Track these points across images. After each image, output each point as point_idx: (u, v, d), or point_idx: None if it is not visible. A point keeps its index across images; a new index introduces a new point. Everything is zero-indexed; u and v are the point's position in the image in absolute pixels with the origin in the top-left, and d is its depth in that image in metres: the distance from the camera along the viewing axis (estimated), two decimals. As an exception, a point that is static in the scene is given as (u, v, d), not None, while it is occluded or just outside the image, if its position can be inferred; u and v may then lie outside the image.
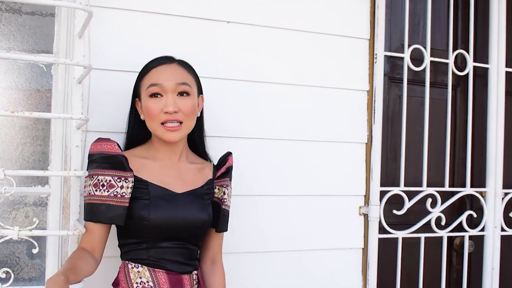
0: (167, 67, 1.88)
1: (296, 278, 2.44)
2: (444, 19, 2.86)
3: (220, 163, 2.02)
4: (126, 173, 1.78)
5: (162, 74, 1.85)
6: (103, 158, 1.78)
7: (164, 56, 1.92)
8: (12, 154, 2.11)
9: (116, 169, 1.77)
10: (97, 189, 1.77)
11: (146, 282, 1.79)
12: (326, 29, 2.49)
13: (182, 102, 1.83)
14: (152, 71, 1.87)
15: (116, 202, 1.75)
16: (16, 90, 2.12)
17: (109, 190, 1.76)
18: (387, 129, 2.72)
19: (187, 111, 1.83)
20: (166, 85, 1.82)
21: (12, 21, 2.11)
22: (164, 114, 1.81)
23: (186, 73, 1.90)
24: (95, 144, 1.81)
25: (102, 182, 1.77)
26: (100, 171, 1.78)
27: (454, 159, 2.91)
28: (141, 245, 1.81)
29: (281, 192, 2.42)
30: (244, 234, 2.35)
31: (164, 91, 1.82)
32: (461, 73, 2.75)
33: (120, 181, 1.77)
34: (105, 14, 2.10)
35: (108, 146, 1.79)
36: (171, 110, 1.80)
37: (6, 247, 2.11)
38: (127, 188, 1.77)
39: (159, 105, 1.82)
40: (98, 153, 1.79)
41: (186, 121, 1.84)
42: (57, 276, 1.50)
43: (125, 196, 1.76)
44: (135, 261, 1.82)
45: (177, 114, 1.82)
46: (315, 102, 2.47)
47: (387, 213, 2.56)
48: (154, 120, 1.83)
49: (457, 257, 2.91)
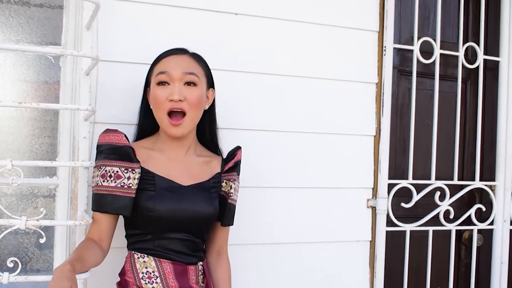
0: (177, 57, 1.89)
1: (303, 270, 2.45)
2: (454, 12, 2.84)
3: (229, 157, 2.03)
4: (133, 164, 1.79)
5: (170, 63, 1.87)
6: (110, 149, 1.79)
7: (177, 48, 1.94)
8: (21, 145, 2.13)
9: (123, 160, 1.78)
10: (105, 179, 1.78)
11: (152, 272, 1.81)
12: (335, 21, 2.48)
13: (189, 91, 1.84)
14: (162, 60, 1.89)
15: (122, 193, 1.76)
16: (24, 82, 2.14)
17: (116, 181, 1.77)
18: (396, 122, 2.71)
19: (192, 101, 1.84)
20: (173, 73, 1.84)
21: (21, 13, 2.12)
22: (169, 102, 1.82)
23: (195, 64, 1.91)
24: (103, 135, 1.83)
25: (109, 173, 1.78)
26: (107, 162, 1.79)
27: (464, 152, 2.90)
28: (147, 236, 1.82)
29: (289, 184, 2.42)
30: (251, 225, 2.35)
31: (172, 80, 1.84)
32: (471, 66, 2.73)
33: (127, 172, 1.78)
34: (113, 6, 2.10)
35: (116, 137, 1.80)
36: (176, 98, 1.81)
37: (15, 238, 2.13)
38: (134, 179, 1.78)
39: (165, 93, 1.83)
40: (105, 144, 1.81)
41: (190, 112, 1.84)
42: (64, 265, 1.51)
43: (132, 187, 1.77)
44: (141, 251, 1.83)
45: (182, 103, 1.82)
46: (323, 94, 2.47)
47: (395, 206, 2.55)
48: (160, 108, 1.84)
49: (465, 251, 2.90)
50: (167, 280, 1.81)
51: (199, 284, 1.89)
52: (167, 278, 1.81)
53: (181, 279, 1.83)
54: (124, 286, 1.84)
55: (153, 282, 1.80)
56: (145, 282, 1.80)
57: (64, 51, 1.69)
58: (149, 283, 1.80)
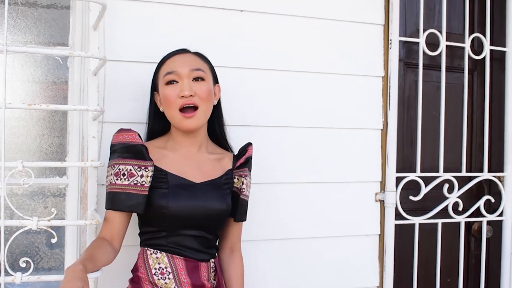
0: (181, 56, 1.93)
1: (312, 265, 2.46)
2: (460, 3, 2.83)
3: (240, 153, 2.04)
4: (146, 162, 1.80)
5: (176, 62, 1.90)
6: (124, 148, 1.81)
7: (180, 48, 1.97)
8: (31, 146, 2.15)
9: (137, 158, 1.80)
10: (118, 178, 1.79)
11: (164, 267, 1.82)
12: (341, 16, 2.48)
13: (198, 86, 1.87)
14: (167, 61, 1.92)
15: (136, 191, 1.78)
16: (33, 83, 2.15)
17: (130, 179, 1.78)
18: (403, 115, 2.71)
19: (202, 95, 1.87)
20: (180, 71, 1.87)
21: (28, 15, 2.13)
22: (180, 99, 1.84)
23: (200, 60, 1.95)
24: (117, 135, 1.84)
25: (123, 171, 1.79)
26: (121, 161, 1.81)
27: (471, 144, 2.89)
28: (161, 233, 1.84)
29: (297, 179, 2.43)
30: (262, 221, 2.36)
31: (180, 78, 1.87)
32: (478, 57, 2.73)
33: (140, 170, 1.79)
34: (119, 5, 2.11)
35: (129, 136, 1.82)
36: (187, 94, 1.83)
37: (26, 238, 2.15)
38: (147, 177, 1.79)
39: (175, 91, 1.86)
40: (119, 143, 1.83)
41: (202, 105, 1.87)
42: (75, 265, 1.51)
43: (145, 185, 1.79)
44: (154, 247, 1.85)
45: (193, 98, 1.85)
46: (330, 89, 2.47)
47: (404, 199, 2.55)
48: (172, 106, 1.86)
49: (475, 243, 2.90)
50: (179, 276, 1.82)
51: (211, 281, 1.90)
52: (179, 274, 1.82)
53: (193, 275, 1.84)
54: (137, 282, 1.86)
55: (166, 278, 1.82)
56: (158, 278, 1.82)
57: (72, 52, 1.71)
58: (162, 279, 1.82)
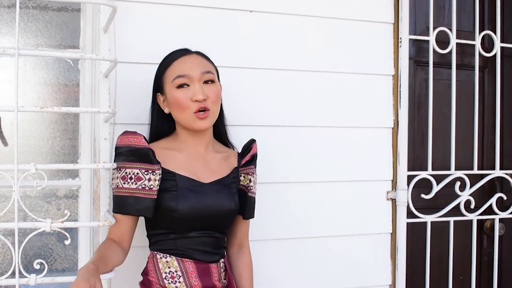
0: (188, 57, 1.91)
1: (324, 264, 2.46)
2: (470, 0, 2.82)
3: (245, 151, 2.04)
4: (153, 165, 1.80)
5: (186, 65, 1.88)
6: (130, 151, 1.81)
7: (182, 48, 1.95)
8: (43, 148, 2.16)
9: (143, 162, 1.80)
10: (125, 181, 1.79)
11: (175, 271, 1.83)
12: (350, 14, 2.48)
13: (209, 89, 1.86)
14: (174, 63, 1.90)
15: (144, 195, 1.78)
16: (45, 86, 2.17)
17: (137, 182, 1.78)
18: (414, 113, 2.70)
19: (214, 97, 1.87)
20: (192, 75, 1.85)
21: (39, 18, 2.14)
22: (194, 103, 1.83)
23: (207, 61, 1.94)
24: (121, 137, 1.84)
25: (129, 174, 1.79)
26: (127, 164, 1.80)
27: (483, 141, 2.88)
28: (169, 236, 1.84)
29: (308, 178, 2.43)
30: (272, 221, 2.37)
31: (191, 81, 1.85)
32: (489, 54, 2.71)
33: (147, 174, 1.79)
34: (130, 7, 2.12)
35: (135, 139, 1.81)
36: (201, 98, 1.82)
37: (40, 239, 2.17)
38: (155, 181, 1.79)
39: (187, 94, 1.84)
40: (125, 146, 1.82)
41: (213, 107, 1.87)
42: (87, 266, 1.53)
43: (153, 189, 1.79)
44: (163, 251, 1.85)
45: (206, 102, 1.85)
46: (340, 88, 2.47)
47: (415, 197, 2.55)
48: (185, 110, 1.85)
49: (487, 240, 2.90)
50: (190, 279, 1.83)
51: (222, 281, 1.90)
52: (190, 277, 1.83)
53: (204, 278, 1.85)
54: (147, 285, 1.87)
55: (176, 282, 1.82)
56: (168, 282, 1.82)
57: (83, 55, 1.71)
58: (172, 283, 1.82)
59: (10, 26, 2.11)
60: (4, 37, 2.11)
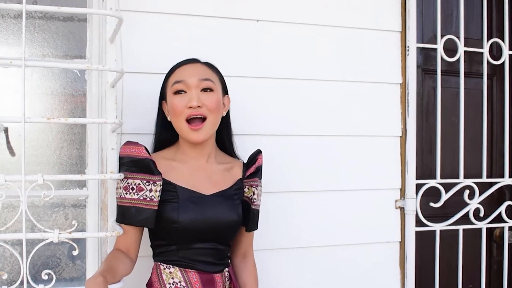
0: (191, 65, 1.91)
1: (332, 273, 2.45)
2: (477, 8, 2.81)
3: (250, 162, 2.02)
4: (154, 176, 1.80)
5: (185, 71, 1.88)
6: (131, 162, 1.81)
7: (189, 58, 1.96)
8: (50, 158, 2.16)
9: (145, 173, 1.79)
10: (127, 192, 1.79)
11: (178, 282, 1.82)
12: (357, 23, 2.48)
13: (206, 97, 1.85)
14: (176, 71, 1.91)
15: (145, 205, 1.78)
16: (52, 96, 2.17)
17: (139, 193, 1.78)
18: (422, 121, 2.70)
19: (211, 105, 1.84)
20: (189, 81, 1.85)
21: (46, 29, 2.15)
22: (188, 109, 1.82)
23: (209, 70, 1.92)
24: (124, 147, 1.84)
25: (131, 185, 1.79)
26: (129, 174, 1.81)
27: (492, 150, 2.87)
28: (172, 247, 1.84)
29: (316, 188, 2.42)
30: (280, 230, 2.36)
31: (188, 87, 1.85)
32: (497, 62, 2.70)
33: (148, 185, 1.79)
34: (136, 17, 2.13)
35: (136, 150, 1.81)
36: (195, 104, 1.81)
37: (48, 249, 2.16)
38: (156, 192, 1.79)
39: (183, 101, 1.84)
40: (127, 156, 1.82)
41: (210, 116, 1.85)
42: (95, 277, 1.53)
43: (154, 200, 1.78)
44: (166, 262, 1.85)
45: (201, 109, 1.83)
46: (348, 97, 2.47)
47: (424, 205, 2.54)
48: (179, 116, 1.84)
49: (497, 249, 2.88)
50: None
51: (226, 290, 1.90)
52: None
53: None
54: (152, 296, 1.87)
55: None
56: None
57: (90, 66, 1.71)
58: None
59: (17, 36, 2.11)
60: (11, 48, 2.12)
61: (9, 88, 2.13)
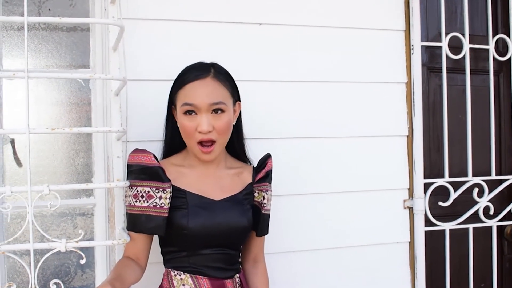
0: (202, 83, 1.82)
1: (342, 275, 2.44)
2: (482, 3, 2.79)
3: (259, 166, 2.01)
4: (164, 184, 1.79)
5: (196, 92, 1.81)
6: (140, 170, 1.81)
7: (199, 66, 1.87)
8: (57, 167, 2.18)
9: (154, 180, 1.79)
10: (137, 200, 1.80)
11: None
12: (360, 23, 2.47)
13: (217, 120, 1.81)
14: (187, 87, 1.82)
15: (155, 213, 1.78)
16: (57, 106, 2.19)
17: (148, 200, 1.78)
18: (428, 120, 2.68)
19: (221, 129, 1.81)
20: (200, 105, 1.79)
21: (49, 39, 2.16)
22: (198, 134, 1.80)
23: (220, 87, 1.84)
24: (132, 155, 1.84)
25: (141, 193, 1.80)
26: (138, 182, 1.81)
27: (500, 147, 2.84)
28: (182, 253, 1.84)
29: (323, 189, 2.42)
30: (289, 233, 2.36)
31: (199, 110, 1.80)
32: (503, 58, 2.68)
33: (158, 192, 1.79)
34: (138, 25, 2.13)
35: (145, 158, 1.80)
36: (205, 130, 1.78)
37: (57, 258, 2.18)
38: (166, 199, 1.79)
39: (193, 123, 1.80)
40: (135, 164, 1.82)
41: (220, 139, 1.83)
42: (104, 285, 1.52)
43: (164, 207, 1.78)
44: (177, 268, 1.85)
45: (211, 134, 1.80)
46: (353, 97, 2.46)
47: (433, 205, 2.52)
48: (190, 138, 1.82)
49: (508, 246, 2.86)
50: None
51: (238, 296, 1.90)
52: None
53: (219, 294, 1.84)
54: (163, 303, 1.87)
55: None
56: None
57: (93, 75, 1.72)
58: None
59: (21, 48, 2.13)
60: (16, 60, 2.14)
61: (16, 100, 2.14)
